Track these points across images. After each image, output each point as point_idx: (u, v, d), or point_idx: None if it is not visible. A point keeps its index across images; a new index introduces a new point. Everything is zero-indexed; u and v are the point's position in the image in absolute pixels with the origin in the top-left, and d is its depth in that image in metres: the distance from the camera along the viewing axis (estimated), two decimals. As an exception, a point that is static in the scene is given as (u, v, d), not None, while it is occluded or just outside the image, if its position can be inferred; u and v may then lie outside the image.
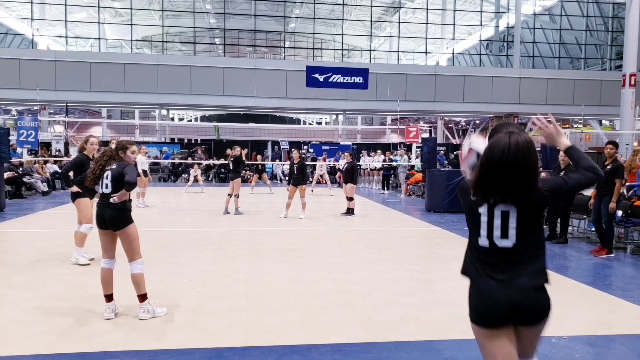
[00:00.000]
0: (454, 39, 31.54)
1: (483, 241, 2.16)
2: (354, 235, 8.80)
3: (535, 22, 31.78)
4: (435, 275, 6.00)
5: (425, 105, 27.90)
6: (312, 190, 16.13)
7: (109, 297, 4.27)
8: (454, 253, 7.30)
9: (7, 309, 4.45)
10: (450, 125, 39.31)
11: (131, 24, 28.71)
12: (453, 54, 32.83)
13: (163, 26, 30.82)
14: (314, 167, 18.44)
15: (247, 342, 3.79)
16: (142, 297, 4.25)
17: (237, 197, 11.19)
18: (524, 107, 28.57)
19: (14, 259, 6.48)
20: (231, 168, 11.56)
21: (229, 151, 13.63)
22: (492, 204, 2.10)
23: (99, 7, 28.57)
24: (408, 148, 18.72)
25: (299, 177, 10.57)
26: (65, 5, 27.06)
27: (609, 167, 7.32)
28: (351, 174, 11.34)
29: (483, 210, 2.13)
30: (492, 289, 2.13)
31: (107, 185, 4.24)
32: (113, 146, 4.50)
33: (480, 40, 32.57)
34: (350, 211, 11.20)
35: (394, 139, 33.24)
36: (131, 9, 28.48)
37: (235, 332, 3.99)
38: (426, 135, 22.28)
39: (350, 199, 11.19)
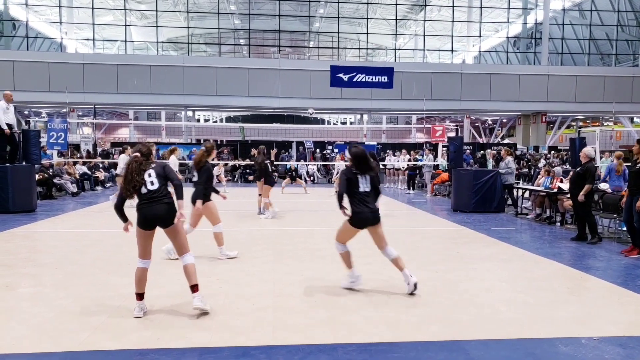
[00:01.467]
0: (480, 36, 31.10)
1: (362, 188, 5.00)
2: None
3: (564, 18, 31.06)
4: (461, 275, 5.91)
5: (451, 104, 27.60)
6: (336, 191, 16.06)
7: (140, 296, 4.35)
8: (480, 253, 7.19)
9: (40, 307, 4.57)
10: (476, 124, 38.76)
11: (157, 26, 29.20)
12: (479, 51, 32.35)
13: (188, 27, 31.26)
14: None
15: (274, 341, 3.81)
16: (195, 287, 4.35)
17: (261, 197, 11.12)
18: (552, 105, 28.01)
19: (45, 258, 6.65)
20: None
21: (253, 151, 13.52)
22: (362, 174, 5.01)
23: (125, 9, 29.17)
24: (434, 147, 18.51)
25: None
26: (93, 8, 27.71)
27: (639, 165, 7.10)
28: None
29: (360, 177, 4.99)
30: (366, 211, 4.97)
31: (152, 182, 4.32)
32: (129, 151, 4.61)
33: (508, 37, 32.04)
34: None
35: (420, 138, 32.97)
36: (157, 11, 28.97)
37: (262, 331, 4.01)
38: (452, 134, 21.95)
39: None
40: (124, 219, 4.37)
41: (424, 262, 6.59)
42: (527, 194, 12.21)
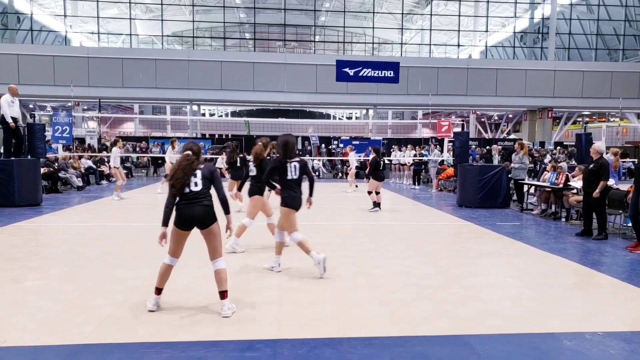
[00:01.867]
0: (487, 31, 30.86)
1: (291, 176, 5.43)
2: (384, 230, 8.73)
3: (571, 13, 30.78)
4: (466, 270, 5.90)
5: (457, 99, 27.47)
6: (356, 186, 16.05)
7: (159, 291, 4.33)
8: (486, 249, 7.17)
9: (47, 300, 4.59)
10: (482, 120, 38.58)
11: (162, 20, 29.15)
12: (486, 46, 32.14)
13: (193, 21, 31.17)
14: (342, 162, 18.36)
15: (279, 335, 3.81)
16: (225, 294, 4.27)
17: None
18: (558, 101, 27.83)
19: (52, 251, 6.68)
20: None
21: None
22: (290, 162, 5.45)
23: (130, 2, 29.10)
24: (440, 143, 18.45)
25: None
26: (98, 1, 27.65)
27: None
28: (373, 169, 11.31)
29: (289, 165, 5.43)
30: (297, 196, 5.50)
31: (196, 183, 4.23)
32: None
33: (514, 32, 31.78)
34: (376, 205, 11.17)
35: (426, 133, 32.84)
36: (162, 4, 28.91)
37: (267, 325, 4.01)
38: (458, 129, 21.87)
39: (370, 192, 11.17)
40: (166, 221, 4.19)
41: (429, 257, 6.58)
42: (532, 190, 12.15)
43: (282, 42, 32.10)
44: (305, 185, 5.46)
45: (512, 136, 33.76)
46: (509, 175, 12.02)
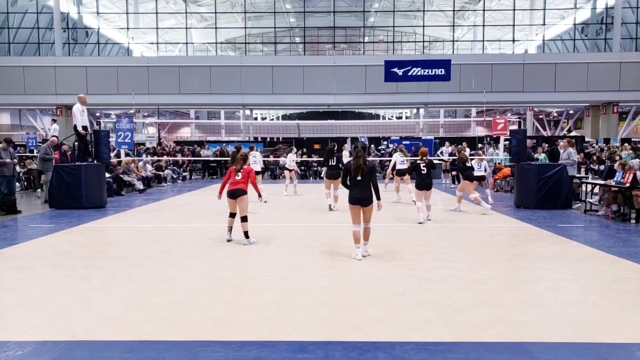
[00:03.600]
0: (544, 24, 29.57)
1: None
2: (436, 232, 8.54)
3: (638, 1, 28.92)
4: (526, 274, 5.66)
5: (513, 96, 26.52)
6: (385, 186, 15.86)
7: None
8: (547, 252, 6.84)
9: (110, 297, 4.82)
10: (540, 117, 37.01)
11: (216, 27, 30.03)
12: (543, 40, 30.78)
13: (246, 28, 31.92)
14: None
15: (331, 337, 3.80)
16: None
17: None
18: (625, 95, 26.20)
19: (115, 251, 7.02)
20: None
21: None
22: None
23: (186, 13, 30.24)
24: (495, 141, 17.86)
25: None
26: (157, 13, 28.91)
27: None
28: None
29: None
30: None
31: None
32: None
33: (575, 24, 30.24)
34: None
35: (480, 132, 31.90)
36: (215, 12, 29.83)
37: (319, 327, 4.02)
38: (515, 127, 21.00)
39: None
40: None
41: (485, 260, 6.36)
42: (595, 190, 11.51)
43: (331, 45, 32.21)
44: None
45: (573, 133, 32.15)
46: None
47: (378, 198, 6.38)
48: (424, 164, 9.49)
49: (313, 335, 3.85)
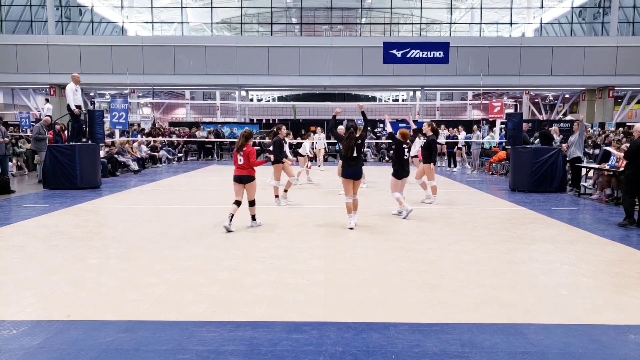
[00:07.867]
0: (542, 7, 29.33)
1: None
2: (432, 214, 8.57)
3: (637, -16, 28.72)
4: (520, 256, 5.70)
5: (509, 79, 26.44)
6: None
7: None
8: (541, 234, 6.89)
9: (105, 277, 4.82)
10: (536, 100, 36.96)
11: (211, 7, 29.58)
12: (541, 23, 30.57)
13: (242, 8, 31.43)
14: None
15: (326, 318, 3.83)
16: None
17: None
18: (621, 79, 26.15)
19: (110, 232, 7.00)
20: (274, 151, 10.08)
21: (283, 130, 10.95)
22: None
23: (182, -9, 29.71)
24: (491, 125, 17.85)
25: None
26: (152, -9, 28.41)
27: None
28: (429, 152, 9.68)
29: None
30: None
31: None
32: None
33: (572, 7, 30.01)
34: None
35: (476, 115, 31.83)
36: (211, -9, 29.33)
37: (314, 307, 4.04)
38: (511, 110, 20.95)
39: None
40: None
41: (481, 242, 6.40)
42: (590, 173, 11.55)
43: (328, 26, 31.82)
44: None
45: (568, 117, 32.15)
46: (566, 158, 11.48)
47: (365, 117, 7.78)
48: (408, 148, 8.24)
49: (308, 315, 3.87)
